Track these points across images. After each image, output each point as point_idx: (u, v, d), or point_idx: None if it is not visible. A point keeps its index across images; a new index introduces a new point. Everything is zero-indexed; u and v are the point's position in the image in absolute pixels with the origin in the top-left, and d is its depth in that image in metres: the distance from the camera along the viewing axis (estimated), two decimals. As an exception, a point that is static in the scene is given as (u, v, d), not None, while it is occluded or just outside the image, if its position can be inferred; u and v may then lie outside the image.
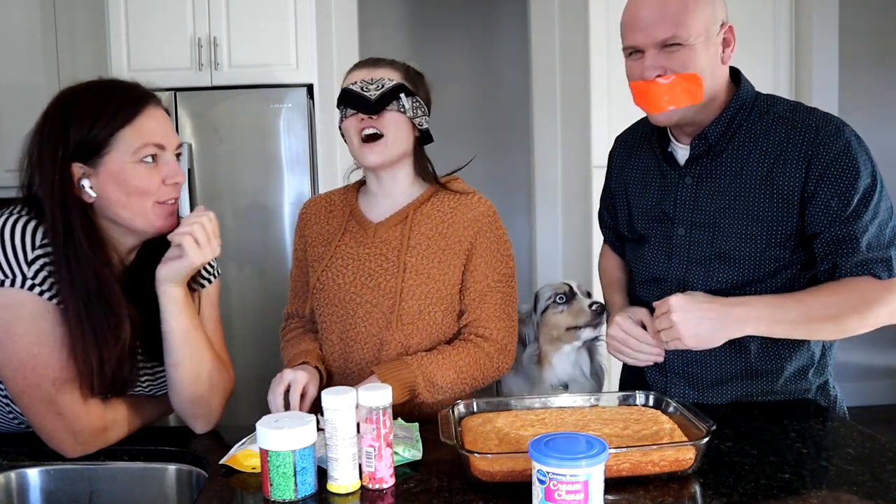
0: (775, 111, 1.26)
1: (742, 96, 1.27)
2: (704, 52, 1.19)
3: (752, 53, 3.05)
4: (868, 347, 3.87)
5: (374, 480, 1.01)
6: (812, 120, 1.23)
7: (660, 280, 1.35)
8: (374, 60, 1.39)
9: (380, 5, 4.60)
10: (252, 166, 2.92)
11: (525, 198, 4.30)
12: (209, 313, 1.29)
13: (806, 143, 1.20)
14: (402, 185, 1.42)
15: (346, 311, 1.38)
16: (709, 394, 1.33)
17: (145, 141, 1.13)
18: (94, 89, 1.15)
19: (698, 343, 1.18)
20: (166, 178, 1.15)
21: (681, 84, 1.19)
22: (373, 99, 1.32)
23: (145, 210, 1.14)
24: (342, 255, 1.40)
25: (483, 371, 1.36)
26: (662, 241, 1.34)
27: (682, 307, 1.16)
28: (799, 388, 1.32)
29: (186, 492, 1.18)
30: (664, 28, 1.18)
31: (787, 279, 1.26)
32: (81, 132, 1.10)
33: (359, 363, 1.38)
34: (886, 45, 3.78)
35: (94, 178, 1.12)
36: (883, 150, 3.89)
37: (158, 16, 2.89)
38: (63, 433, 1.12)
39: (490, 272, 1.38)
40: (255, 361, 2.88)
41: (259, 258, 2.94)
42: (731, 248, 1.25)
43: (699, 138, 1.27)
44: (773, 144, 1.23)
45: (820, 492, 0.97)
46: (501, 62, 4.72)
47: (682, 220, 1.31)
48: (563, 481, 0.82)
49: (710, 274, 1.28)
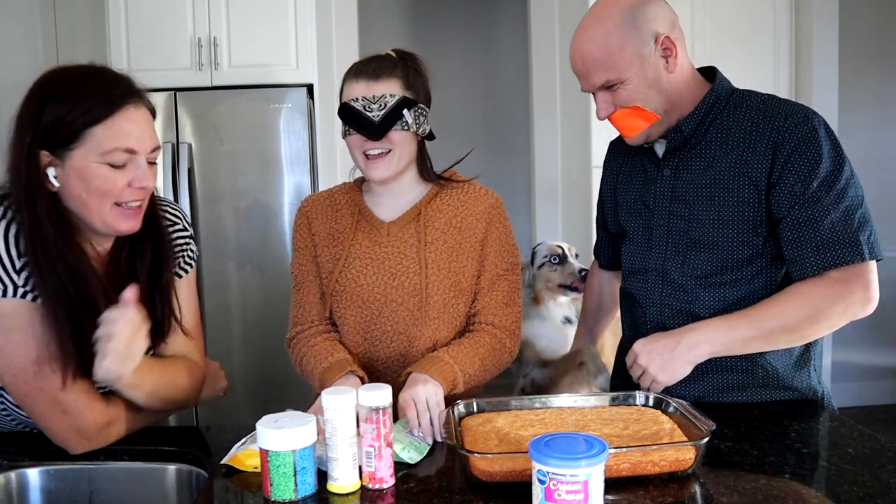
0: (748, 103, 1.30)
1: (716, 91, 1.31)
2: (643, 78, 1.25)
3: (752, 53, 3.05)
4: (868, 347, 3.87)
5: (374, 480, 1.01)
6: (781, 108, 1.26)
7: (642, 271, 1.39)
8: (373, 71, 1.33)
9: (380, 5, 4.60)
10: (252, 166, 2.92)
11: (525, 198, 4.30)
12: (185, 298, 1.29)
13: (774, 129, 1.24)
14: (407, 185, 1.42)
15: (370, 311, 1.38)
16: (688, 387, 1.32)
17: (116, 144, 1.08)
18: (78, 76, 1.10)
19: (669, 376, 1.25)
20: (133, 181, 1.10)
21: (630, 115, 1.28)
22: (377, 121, 1.30)
23: (103, 211, 1.10)
24: (358, 255, 1.39)
25: (499, 357, 1.39)
26: (643, 232, 1.39)
27: (644, 350, 1.26)
28: (780, 383, 1.33)
29: (186, 492, 1.18)
30: (596, 76, 1.26)
31: (761, 268, 1.28)
32: (54, 117, 1.06)
33: (385, 362, 1.39)
34: (886, 45, 3.78)
35: (60, 170, 1.09)
36: (883, 150, 3.92)
37: (158, 16, 2.90)
38: (68, 431, 1.12)
39: (499, 261, 1.41)
40: (254, 361, 2.89)
41: (259, 258, 2.94)
42: (706, 235, 1.29)
43: (674, 131, 1.32)
44: (745, 133, 1.27)
45: (820, 492, 0.97)
46: (501, 62, 4.72)
47: (660, 210, 1.35)
48: (563, 481, 0.82)
49: (686, 262, 1.32)
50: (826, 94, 3.05)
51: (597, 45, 1.24)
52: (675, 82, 1.28)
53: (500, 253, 1.41)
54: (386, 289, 1.37)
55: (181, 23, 2.91)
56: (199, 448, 1.19)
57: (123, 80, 1.13)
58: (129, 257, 1.19)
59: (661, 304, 1.35)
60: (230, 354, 2.93)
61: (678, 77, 1.29)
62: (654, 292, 1.36)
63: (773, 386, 1.33)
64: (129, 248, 1.20)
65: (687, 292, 1.32)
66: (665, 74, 1.27)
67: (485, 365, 1.36)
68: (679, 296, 1.33)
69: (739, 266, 1.28)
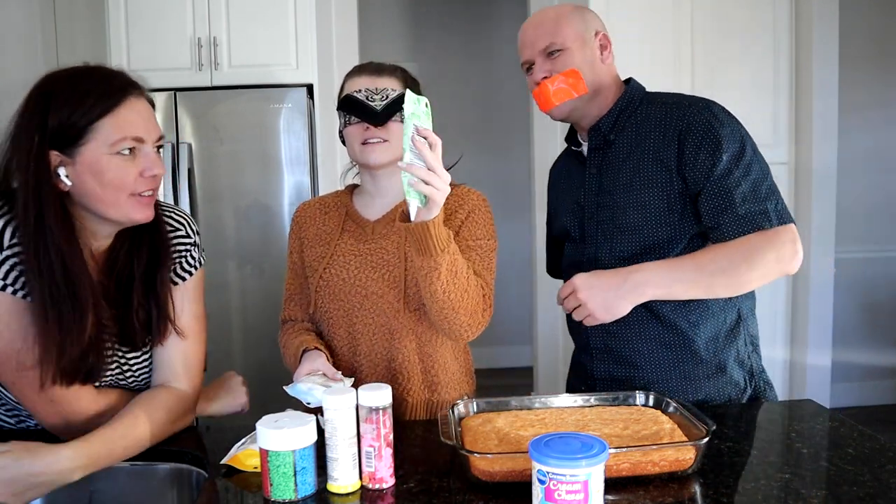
0: (659, 100, 1.43)
1: (629, 93, 1.45)
2: (581, 53, 1.41)
3: (752, 53, 3.05)
4: (868, 347, 3.87)
5: (374, 480, 1.01)
6: (684, 101, 1.40)
7: (578, 262, 1.47)
8: (376, 67, 1.41)
9: (380, 5, 4.60)
10: (252, 166, 2.92)
11: (525, 198, 4.29)
12: (185, 307, 1.27)
13: (679, 117, 1.36)
14: (397, 185, 1.43)
15: (351, 304, 1.39)
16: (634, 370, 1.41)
17: (124, 134, 1.10)
18: (76, 76, 1.13)
19: (608, 313, 1.30)
20: (144, 170, 1.13)
21: (564, 81, 1.40)
22: (378, 110, 1.35)
23: (119, 202, 1.13)
24: (343, 253, 1.42)
25: (480, 305, 1.30)
26: (578, 228, 1.48)
27: (585, 284, 1.30)
28: (718, 360, 1.39)
29: (186, 492, 1.18)
30: (543, 39, 1.42)
31: (681, 250, 1.36)
32: (60, 118, 1.08)
33: (367, 355, 1.39)
34: (886, 45, 3.78)
35: (71, 168, 1.10)
36: (883, 149, 3.92)
37: (158, 16, 2.89)
38: (55, 418, 1.14)
39: (469, 235, 1.38)
40: (254, 361, 2.89)
41: (259, 258, 2.94)
42: (629, 219, 1.39)
43: (593, 130, 1.46)
44: (655, 125, 1.39)
45: (820, 492, 0.97)
46: (501, 62, 4.72)
47: (589, 204, 1.46)
48: (563, 481, 0.82)
49: (613, 246, 1.41)
50: (826, 94, 3.05)
51: (548, 17, 1.43)
52: (605, 73, 1.44)
53: (474, 232, 1.38)
54: (367, 281, 1.38)
55: (181, 23, 2.91)
56: (199, 448, 1.20)
57: (119, 73, 1.16)
58: (126, 256, 1.20)
59: None
60: (230, 354, 2.93)
61: (608, 70, 1.45)
62: None
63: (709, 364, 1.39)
64: (127, 248, 1.21)
65: None
66: (598, 62, 1.43)
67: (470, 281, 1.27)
68: None
69: (660, 246, 1.36)
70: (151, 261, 1.22)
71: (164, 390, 1.24)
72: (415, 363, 1.39)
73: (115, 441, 1.11)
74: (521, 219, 4.52)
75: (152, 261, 1.22)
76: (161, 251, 1.23)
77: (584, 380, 1.49)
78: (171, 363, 1.25)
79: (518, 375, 4.33)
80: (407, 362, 1.38)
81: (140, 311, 1.20)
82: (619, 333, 1.40)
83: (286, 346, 1.43)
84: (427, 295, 1.24)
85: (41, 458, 1.02)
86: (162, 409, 1.20)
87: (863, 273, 3.82)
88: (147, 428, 1.16)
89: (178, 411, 1.23)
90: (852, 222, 3.77)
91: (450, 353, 1.44)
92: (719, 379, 1.39)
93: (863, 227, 3.85)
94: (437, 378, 1.41)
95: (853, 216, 3.77)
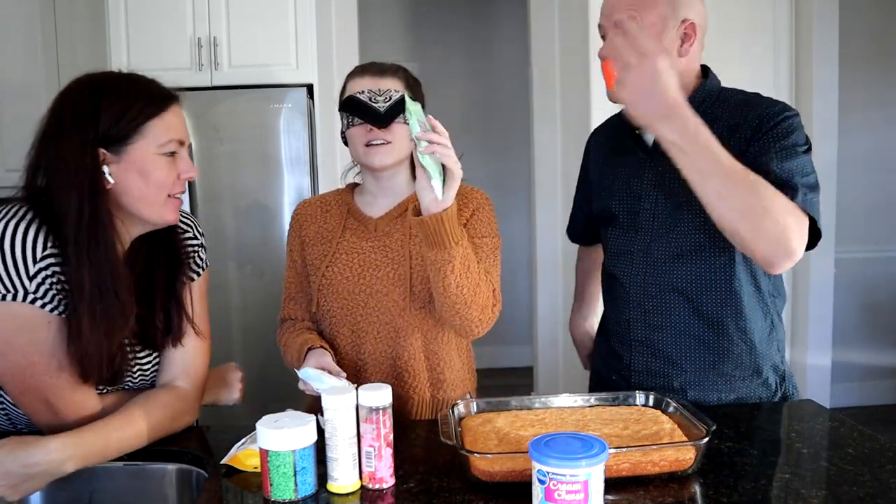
0: (735, 99, 1.37)
1: (707, 87, 1.38)
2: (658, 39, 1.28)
3: (752, 53, 3.05)
4: (868, 347, 3.87)
5: (374, 480, 1.01)
6: (763, 101, 1.34)
7: (627, 253, 1.44)
8: (378, 68, 1.41)
9: (380, 5, 4.60)
10: (252, 166, 2.92)
11: (525, 198, 4.30)
12: (196, 302, 1.30)
13: (755, 116, 1.30)
14: (399, 185, 1.45)
15: (356, 303, 1.39)
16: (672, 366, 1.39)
17: (171, 136, 1.16)
18: (124, 79, 1.18)
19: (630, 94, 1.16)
20: (182, 172, 1.19)
21: None
22: (382, 111, 1.35)
23: (159, 202, 1.17)
24: (345, 251, 1.42)
25: (490, 300, 1.30)
26: (629, 217, 1.43)
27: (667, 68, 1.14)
28: (756, 364, 1.39)
29: (186, 492, 1.18)
30: (619, 11, 1.31)
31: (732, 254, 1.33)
32: (113, 118, 1.11)
33: (372, 353, 1.39)
34: (886, 45, 3.78)
35: (115, 166, 1.13)
36: (883, 149, 3.92)
37: (158, 16, 2.89)
38: (60, 429, 1.13)
39: (474, 232, 1.38)
40: (254, 361, 2.88)
41: (259, 258, 2.94)
42: (690, 218, 1.33)
43: None
44: (729, 123, 1.32)
45: (820, 492, 0.97)
46: (501, 62, 4.72)
47: (647, 196, 1.40)
48: (563, 481, 0.82)
49: (669, 242, 1.37)
50: (826, 94, 3.05)
51: None
52: (680, 65, 1.33)
53: (478, 229, 1.39)
54: (371, 280, 1.38)
55: (181, 23, 2.90)
56: (200, 448, 1.20)
57: (157, 82, 1.21)
58: (144, 260, 1.22)
59: (643, 283, 1.40)
60: (230, 354, 2.93)
61: (685, 63, 1.35)
62: (637, 272, 1.41)
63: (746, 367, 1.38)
64: (146, 251, 1.23)
65: (668, 270, 1.37)
66: (674, 54, 1.32)
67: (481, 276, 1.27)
68: (660, 273, 1.38)
69: (713, 248, 1.33)
70: (170, 263, 1.25)
71: (166, 388, 1.24)
72: (420, 361, 1.39)
73: (110, 434, 1.12)
74: (522, 218, 4.53)
75: (171, 263, 1.25)
76: (179, 253, 1.26)
77: (618, 370, 1.47)
78: (177, 362, 1.26)
79: (518, 375, 4.33)
80: (413, 360, 1.38)
81: (160, 313, 1.23)
82: (662, 327, 1.39)
83: (287, 344, 1.42)
84: (439, 289, 1.24)
85: (34, 449, 1.03)
86: (161, 406, 1.20)
87: (863, 273, 3.82)
88: (145, 423, 1.16)
89: (179, 409, 1.24)
90: (852, 222, 3.77)
91: (454, 350, 1.44)
92: (754, 381, 1.39)
93: (863, 227, 3.85)
94: (442, 375, 1.41)
95: (853, 216, 3.77)
